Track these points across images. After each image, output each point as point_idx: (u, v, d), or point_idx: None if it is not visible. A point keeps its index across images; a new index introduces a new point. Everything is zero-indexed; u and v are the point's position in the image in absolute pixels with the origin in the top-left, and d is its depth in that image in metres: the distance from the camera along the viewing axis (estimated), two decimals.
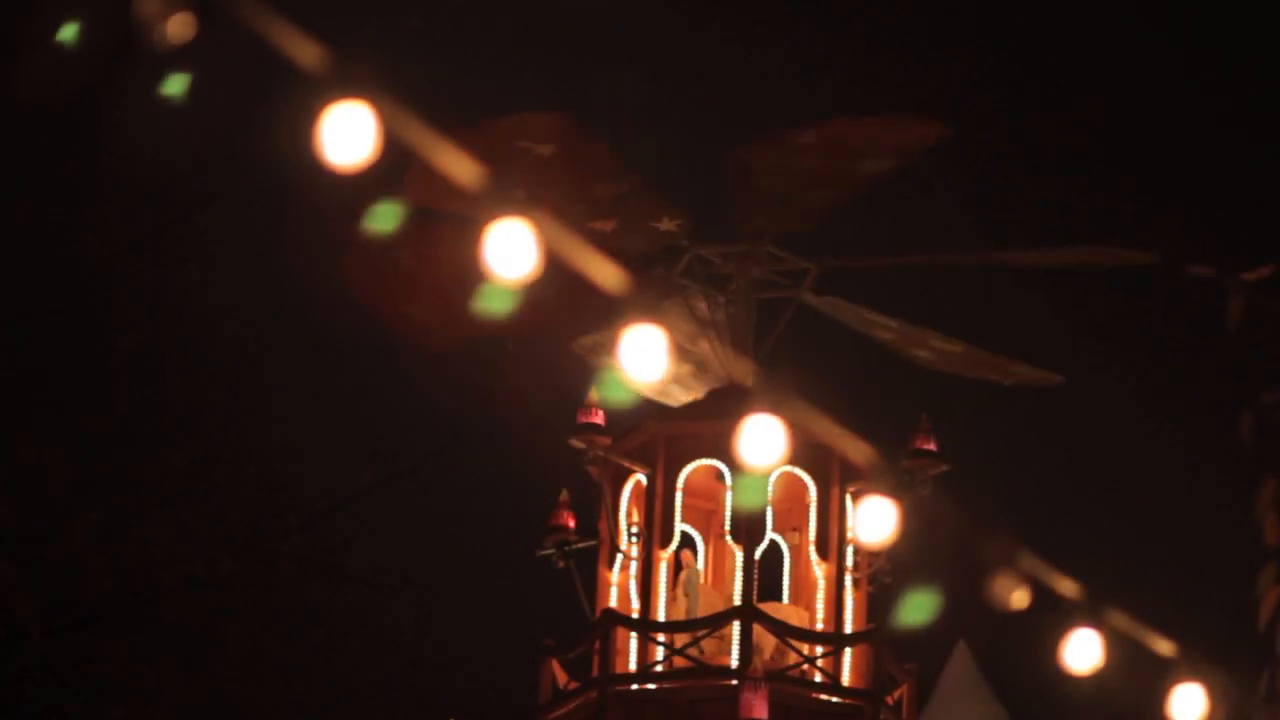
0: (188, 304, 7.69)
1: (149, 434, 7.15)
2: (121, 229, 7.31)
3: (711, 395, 11.70)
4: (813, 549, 11.15)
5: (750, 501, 11.04)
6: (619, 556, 11.60)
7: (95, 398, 7.37)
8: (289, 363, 10.49)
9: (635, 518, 14.74)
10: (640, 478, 12.58)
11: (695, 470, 15.73)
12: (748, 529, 11.14)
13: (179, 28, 2.05)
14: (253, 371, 8.27)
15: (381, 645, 9.56)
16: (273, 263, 9.14)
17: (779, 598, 11.23)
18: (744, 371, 9.83)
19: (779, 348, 11.06)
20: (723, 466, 11.61)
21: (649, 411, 11.65)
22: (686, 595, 11.05)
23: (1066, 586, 3.36)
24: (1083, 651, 2.60)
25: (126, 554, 6.74)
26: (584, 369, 10.49)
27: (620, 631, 11.15)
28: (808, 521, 11.21)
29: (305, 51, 2.04)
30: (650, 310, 2.20)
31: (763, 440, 5.00)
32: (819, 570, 11.28)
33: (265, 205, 7.83)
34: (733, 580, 11.13)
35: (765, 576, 11.23)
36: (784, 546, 11.32)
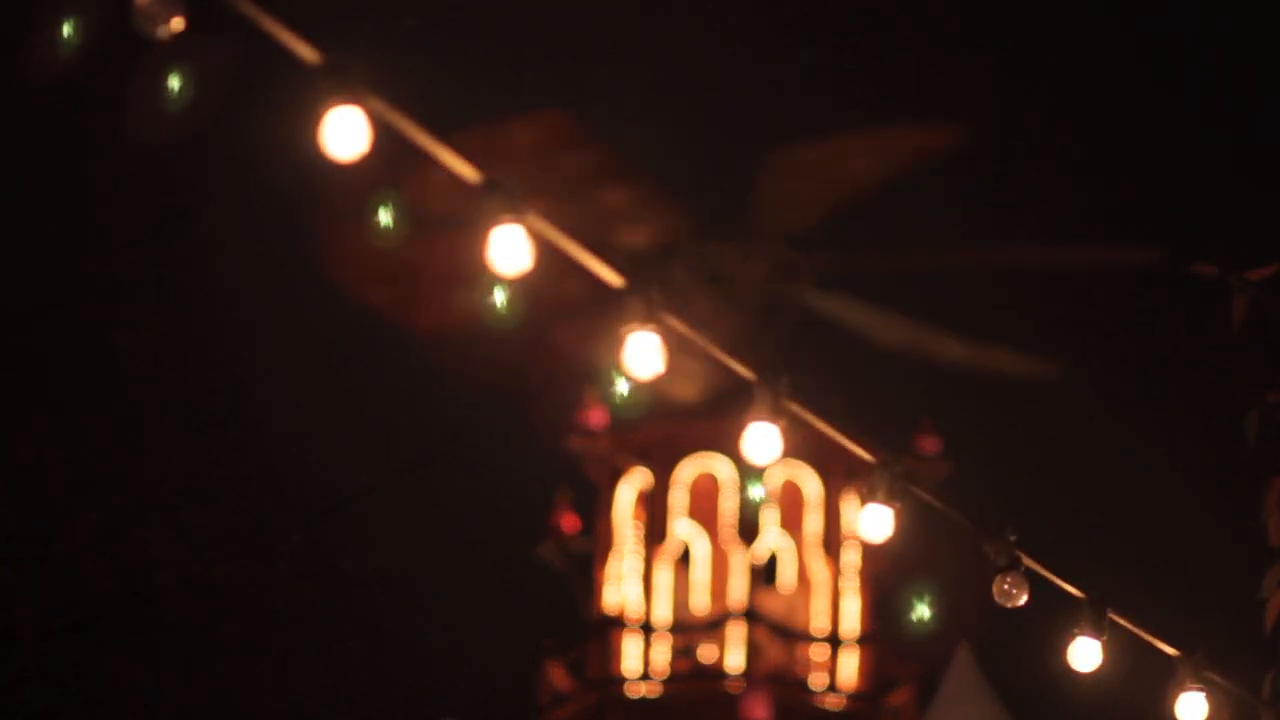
0: (187, 302, 7.68)
1: (149, 434, 7.13)
2: (122, 226, 7.30)
3: (713, 395, 11.63)
4: (813, 548, 11.13)
5: (750, 501, 11.02)
6: (618, 557, 11.58)
7: (95, 398, 7.35)
8: (288, 363, 10.47)
9: (636, 517, 14.69)
10: (640, 477, 12.56)
11: (695, 469, 15.74)
12: (748, 528, 11.12)
13: (175, 23, 2.03)
14: (252, 371, 8.25)
15: (381, 645, 9.52)
16: (273, 261, 9.12)
17: (779, 596, 11.21)
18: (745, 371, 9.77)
19: (782, 346, 11.05)
20: (723, 465, 11.59)
21: (648, 410, 11.59)
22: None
23: (1069, 588, 3.34)
24: (1084, 655, 2.58)
25: (125, 555, 6.72)
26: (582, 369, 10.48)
27: (620, 633, 11.13)
28: (809, 521, 11.19)
29: (301, 49, 2.02)
30: (650, 312, 2.17)
31: (763, 440, 4.98)
32: (820, 570, 11.25)
33: (266, 204, 7.81)
34: (733, 580, 11.11)
35: (765, 576, 11.22)
36: (784, 546, 11.30)
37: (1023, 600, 5.15)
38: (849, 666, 10.69)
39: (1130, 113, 18.93)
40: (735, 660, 10.49)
